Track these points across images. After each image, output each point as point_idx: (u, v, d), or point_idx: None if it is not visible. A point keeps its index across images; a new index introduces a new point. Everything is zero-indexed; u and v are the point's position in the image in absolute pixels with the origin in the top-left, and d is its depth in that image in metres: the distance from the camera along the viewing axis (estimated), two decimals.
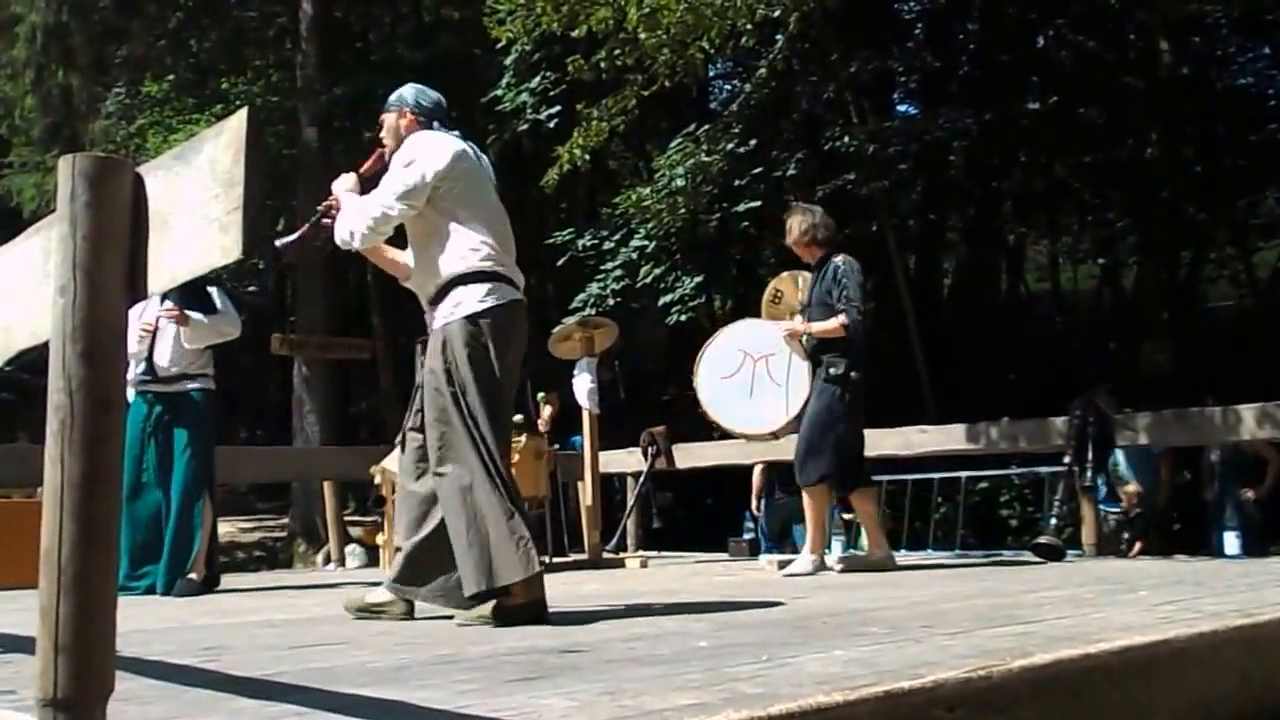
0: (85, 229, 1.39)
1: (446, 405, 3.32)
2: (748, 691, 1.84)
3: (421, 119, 3.59)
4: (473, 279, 3.38)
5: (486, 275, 3.40)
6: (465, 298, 3.37)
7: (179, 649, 2.80)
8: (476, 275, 3.39)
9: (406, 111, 3.60)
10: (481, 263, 3.40)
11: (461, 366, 3.32)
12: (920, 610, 3.33)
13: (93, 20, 14.78)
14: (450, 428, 3.31)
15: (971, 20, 16.22)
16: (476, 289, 3.38)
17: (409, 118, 3.59)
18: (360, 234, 3.40)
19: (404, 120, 3.59)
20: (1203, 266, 17.50)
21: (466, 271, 3.39)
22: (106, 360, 1.38)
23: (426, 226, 3.44)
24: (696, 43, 8.96)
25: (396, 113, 3.62)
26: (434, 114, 3.61)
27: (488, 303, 3.37)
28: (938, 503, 9.85)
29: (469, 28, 13.60)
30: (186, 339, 5.29)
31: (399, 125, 3.59)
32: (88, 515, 1.35)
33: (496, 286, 3.40)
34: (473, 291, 3.37)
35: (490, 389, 3.34)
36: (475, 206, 3.47)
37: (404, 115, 3.60)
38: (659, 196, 10.74)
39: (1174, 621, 2.78)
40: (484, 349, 3.34)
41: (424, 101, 3.63)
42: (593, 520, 6.96)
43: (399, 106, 3.63)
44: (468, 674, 2.18)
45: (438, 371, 3.35)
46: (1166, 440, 7.27)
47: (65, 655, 1.33)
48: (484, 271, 3.40)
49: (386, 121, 3.65)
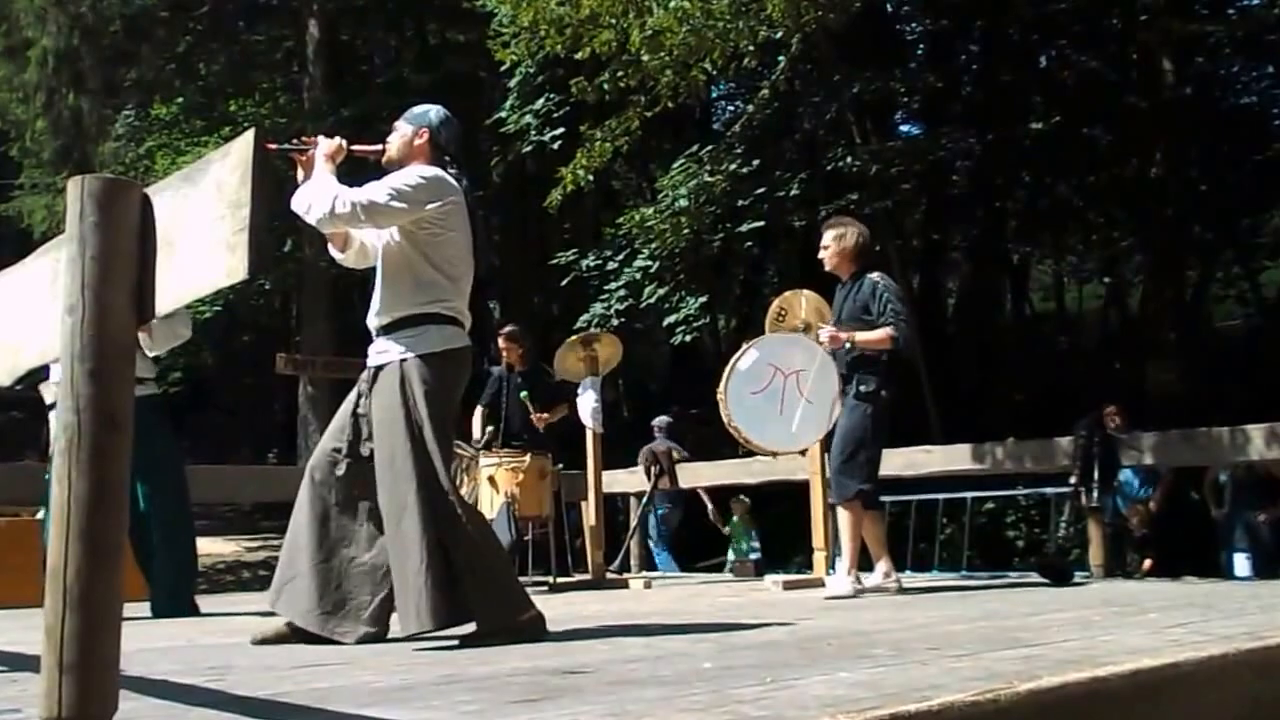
0: (94, 249, 1.39)
1: (399, 445, 3.32)
2: (752, 714, 1.83)
3: (436, 148, 3.58)
4: (439, 320, 3.43)
5: (451, 320, 3.46)
6: (428, 336, 3.40)
7: (183, 668, 2.79)
8: (443, 318, 3.43)
9: (425, 132, 3.59)
10: (446, 308, 3.44)
11: (420, 403, 3.33)
12: (926, 632, 3.31)
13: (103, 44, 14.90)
14: (401, 468, 3.30)
15: (973, 41, 16.29)
16: (443, 330, 3.42)
17: (424, 139, 3.58)
18: (317, 214, 3.38)
19: (420, 140, 3.58)
20: (1209, 286, 17.50)
21: (436, 312, 3.42)
22: (114, 379, 1.39)
23: (403, 258, 3.44)
24: (699, 64, 9.00)
25: (415, 129, 3.60)
26: (448, 149, 3.60)
27: (452, 344, 3.43)
28: (943, 524, 9.82)
29: (474, 50, 13.69)
30: (152, 344, 5.15)
31: (412, 141, 3.58)
32: (94, 534, 1.35)
33: (456, 331, 3.47)
34: (436, 332, 3.41)
35: (445, 427, 3.38)
36: (458, 256, 3.49)
37: (421, 135, 3.59)
38: (662, 217, 10.77)
39: (1183, 644, 2.76)
40: (442, 388, 3.38)
41: (446, 131, 3.62)
42: (596, 540, 6.94)
43: (420, 124, 3.61)
44: (470, 694, 2.17)
45: (394, 409, 3.35)
46: (1173, 460, 7.24)
47: (70, 674, 1.33)
48: (451, 316, 3.46)
49: (402, 130, 3.62)
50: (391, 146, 3.62)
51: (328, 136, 3.66)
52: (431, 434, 3.33)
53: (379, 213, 3.37)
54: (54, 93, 14.78)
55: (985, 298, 17.43)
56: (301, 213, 3.44)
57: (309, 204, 3.41)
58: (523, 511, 6.37)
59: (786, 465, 7.16)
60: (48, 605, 1.36)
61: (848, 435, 5.28)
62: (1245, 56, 15.29)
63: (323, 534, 3.45)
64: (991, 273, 17.35)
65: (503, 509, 6.29)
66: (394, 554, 3.31)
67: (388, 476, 3.33)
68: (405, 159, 3.56)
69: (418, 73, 14.94)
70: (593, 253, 12.47)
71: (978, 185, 15.84)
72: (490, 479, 6.48)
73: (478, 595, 3.28)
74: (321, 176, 3.46)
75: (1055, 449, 6.87)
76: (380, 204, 3.35)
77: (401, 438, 3.32)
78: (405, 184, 3.40)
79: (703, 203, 10.85)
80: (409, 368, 3.38)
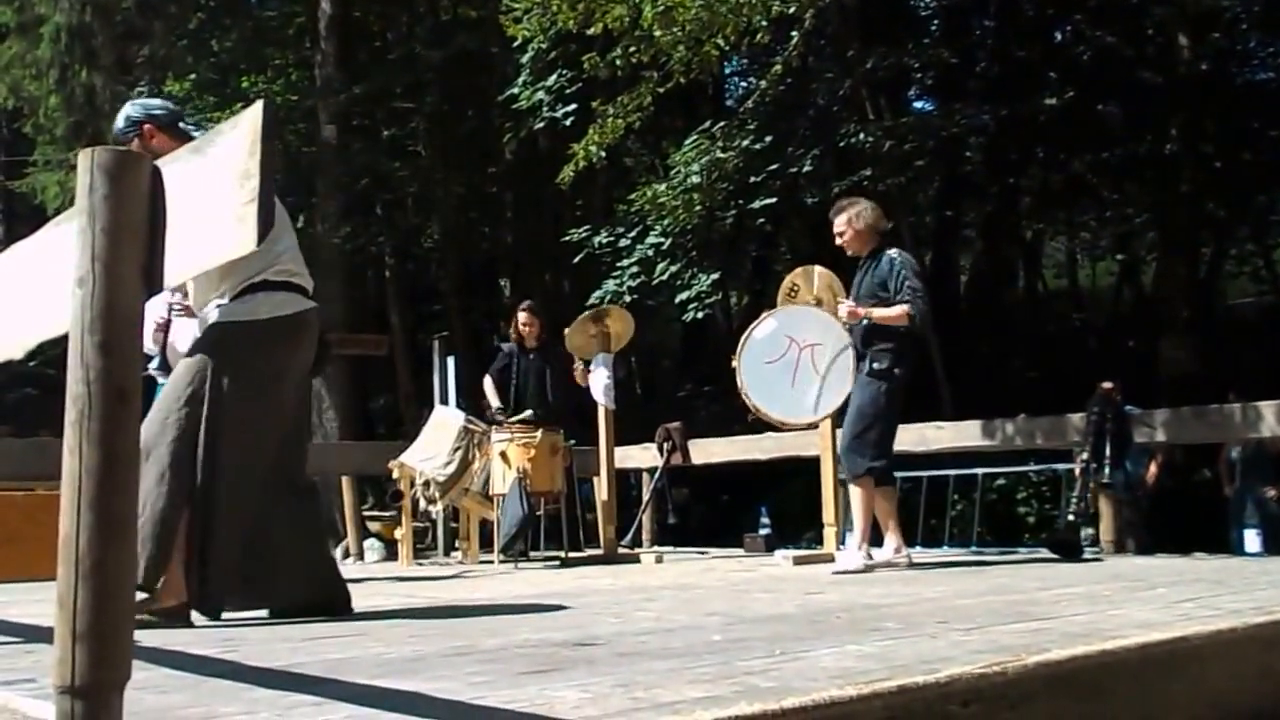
0: (103, 221, 1.40)
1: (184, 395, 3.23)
2: (761, 685, 1.84)
3: (168, 128, 3.45)
4: (264, 287, 3.35)
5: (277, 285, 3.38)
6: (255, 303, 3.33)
7: (197, 639, 2.82)
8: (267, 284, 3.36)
9: (147, 127, 3.46)
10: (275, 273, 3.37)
11: (227, 367, 3.26)
12: (935, 606, 3.32)
13: (115, 20, 14.89)
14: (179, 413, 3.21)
15: (988, 16, 16.16)
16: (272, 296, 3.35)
17: (155, 134, 3.44)
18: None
19: (152, 139, 3.41)
20: (1223, 263, 17.41)
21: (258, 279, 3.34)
22: (124, 351, 1.39)
23: None
24: (712, 40, 8.95)
25: (136, 136, 3.45)
26: (177, 118, 3.52)
27: (280, 311, 3.36)
28: (954, 500, 9.82)
29: (486, 26, 13.63)
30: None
31: (149, 145, 3.37)
32: (105, 504, 1.36)
33: (290, 297, 3.40)
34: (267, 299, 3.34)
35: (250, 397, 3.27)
36: None
37: (148, 135, 3.44)
38: (675, 194, 10.74)
39: (1193, 619, 2.76)
40: (259, 355, 3.30)
41: (158, 112, 3.51)
42: (608, 516, 6.97)
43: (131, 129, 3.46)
44: (481, 665, 2.19)
45: (195, 362, 3.28)
46: (1185, 437, 7.22)
47: (82, 643, 1.34)
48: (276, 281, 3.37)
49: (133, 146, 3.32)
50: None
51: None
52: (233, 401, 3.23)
53: None
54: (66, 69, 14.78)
55: (998, 274, 17.37)
56: None
57: None
58: (534, 487, 6.40)
59: (797, 441, 7.17)
60: (60, 575, 1.37)
61: (860, 412, 5.27)
62: (1262, 31, 15.14)
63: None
64: (1004, 249, 17.27)
65: (515, 484, 6.32)
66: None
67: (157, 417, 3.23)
68: None
69: (429, 49, 14.89)
70: (605, 229, 12.45)
71: (991, 162, 15.74)
72: (502, 454, 6.50)
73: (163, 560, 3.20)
74: None
75: (1066, 425, 6.87)
76: None
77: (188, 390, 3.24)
78: None
79: (715, 179, 10.81)
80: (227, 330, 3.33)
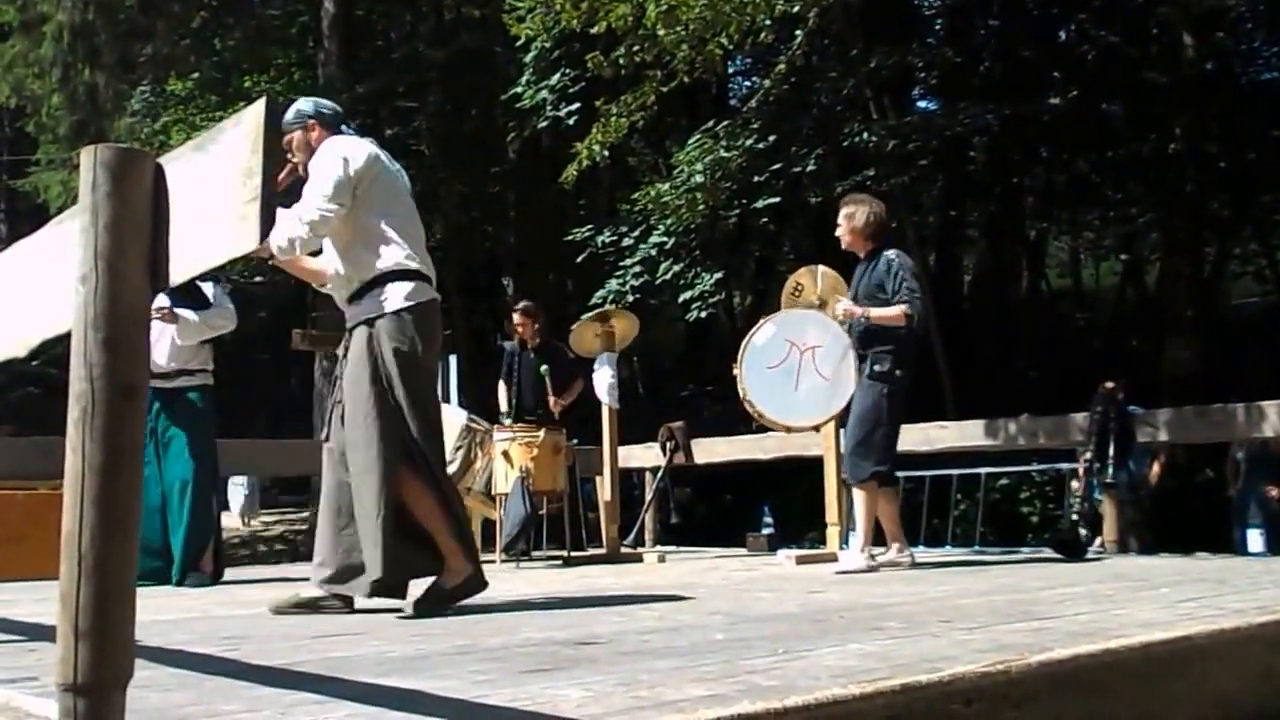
0: (107, 218, 1.40)
1: (371, 398, 3.37)
2: (763, 684, 1.84)
3: (329, 127, 3.63)
4: (397, 276, 3.45)
5: (410, 274, 3.48)
6: (391, 294, 3.44)
7: (199, 638, 2.82)
8: (400, 273, 3.46)
9: (312, 124, 3.64)
10: (406, 260, 3.47)
11: (388, 360, 3.38)
12: (937, 605, 3.32)
13: (118, 19, 14.91)
14: (375, 420, 3.36)
15: (992, 15, 16.14)
16: (402, 285, 3.45)
17: (316, 130, 3.63)
18: (300, 239, 3.42)
19: (313, 133, 3.63)
20: (1226, 262, 17.38)
21: (391, 269, 3.45)
22: (128, 347, 1.39)
23: (346, 226, 3.47)
24: (715, 39, 8.94)
25: (302, 128, 3.65)
26: (338, 121, 3.67)
27: (414, 299, 3.45)
28: (957, 499, 9.81)
29: (489, 25, 13.63)
30: (179, 336, 5.36)
31: (307, 139, 3.63)
32: (108, 502, 1.36)
33: (420, 285, 3.49)
34: (398, 288, 3.44)
35: (417, 383, 3.43)
36: (393, 207, 3.53)
37: (311, 128, 3.64)
38: (678, 193, 10.72)
39: (1196, 618, 2.76)
40: (411, 343, 3.41)
41: (325, 110, 3.69)
42: (611, 515, 6.96)
43: (300, 121, 3.65)
44: (484, 664, 2.19)
45: (362, 364, 3.40)
46: (1189, 437, 7.21)
47: (85, 641, 1.34)
48: (407, 270, 3.48)
49: (294, 138, 3.65)
50: (297, 157, 3.66)
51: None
52: (401, 390, 3.38)
53: (334, 196, 3.39)
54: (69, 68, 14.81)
55: (1002, 274, 17.33)
56: (286, 250, 3.46)
57: (289, 240, 3.43)
58: (537, 486, 6.39)
59: (801, 441, 7.16)
60: (63, 572, 1.37)
61: (863, 415, 5.27)
62: (1267, 31, 15.12)
63: (338, 503, 3.52)
64: (1008, 249, 17.24)
65: (517, 484, 6.32)
66: (357, 511, 3.38)
67: (353, 435, 3.39)
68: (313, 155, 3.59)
69: (433, 48, 14.90)
70: (608, 229, 12.43)
71: (995, 161, 15.72)
72: (505, 454, 6.50)
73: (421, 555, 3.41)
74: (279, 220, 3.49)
75: (1070, 425, 6.86)
76: (329, 190, 3.38)
77: (365, 395, 3.37)
78: (327, 160, 3.45)
79: (718, 179, 10.80)
80: (378, 326, 3.42)
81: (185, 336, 5.40)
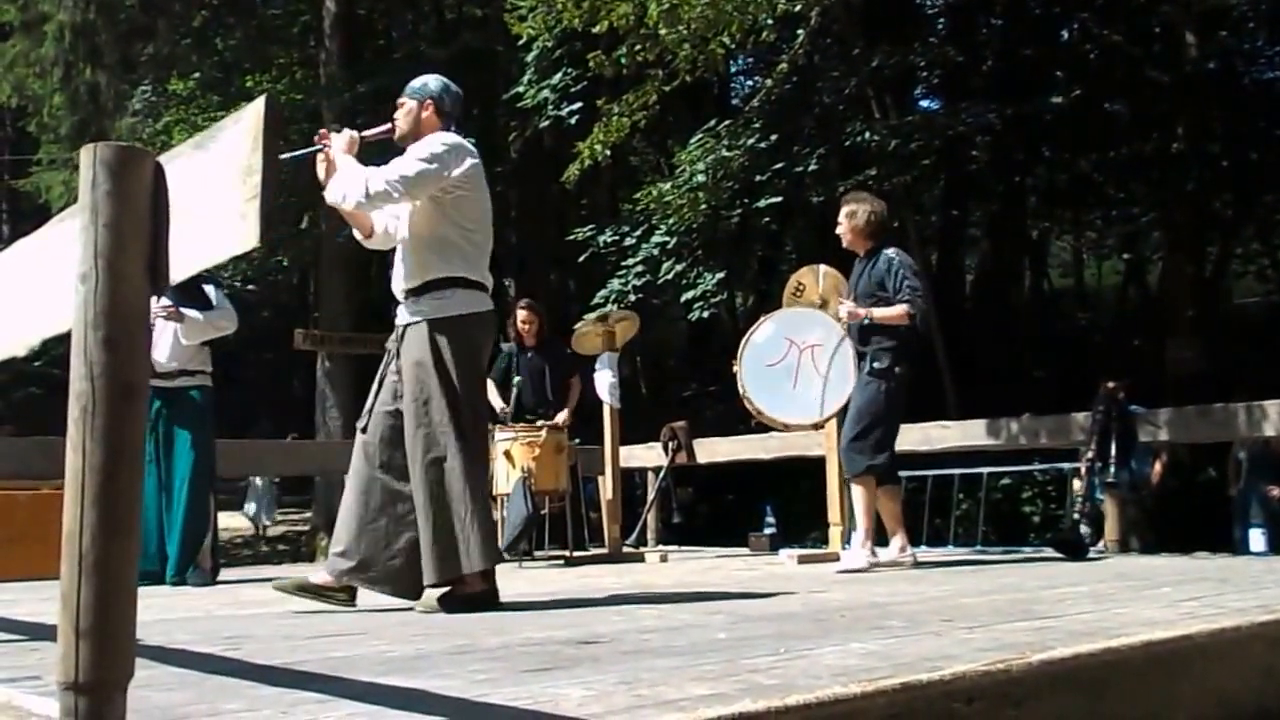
0: (106, 217, 1.40)
1: (433, 395, 3.44)
2: (765, 683, 1.84)
3: (442, 115, 3.69)
4: (467, 284, 3.56)
5: (479, 284, 3.60)
6: (455, 299, 3.53)
7: (201, 638, 2.82)
8: (471, 281, 3.57)
9: (430, 104, 3.70)
10: (472, 274, 3.58)
11: (449, 360, 3.46)
12: (938, 604, 3.32)
13: (119, 19, 14.90)
14: (436, 417, 3.43)
15: (994, 14, 16.13)
16: (472, 293, 3.56)
17: (430, 110, 3.69)
18: (355, 199, 3.48)
19: (426, 111, 3.69)
20: (1229, 262, 17.36)
21: (464, 276, 3.55)
22: (129, 346, 1.39)
23: (430, 224, 3.54)
24: (717, 38, 8.94)
25: (419, 102, 3.71)
26: (454, 115, 3.73)
27: (478, 307, 3.57)
28: (959, 499, 9.80)
29: (491, 24, 13.63)
30: (183, 335, 5.37)
31: (419, 114, 3.69)
32: (109, 501, 1.36)
33: (482, 295, 3.61)
34: (468, 295, 3.55)
35: (474, 384, 3.55)
36: (480, 219, 3.62)
37: (426, 107, 3.70)
38: (680, 192, 10.72)
39: (1197, 617, 2.76)
40: (470, 345, 3.52)
41: (447, 98, 3.74)
42: (613, 515, 6.96)
43: (422, 96, 3.71)
44: (484, 664, 2.19)
45: (425, 363, 3.48)
46: (1190, 436, 7.21)
47: (86, 640, 1.34)
48: (478, 281, 3.59)
49: (407, 105, 3.73)
50: (400, 123, 3.72)
51: (344, 119, 3.75)
52: (461, 389, 3.47)
53: (412, 184, 3.46)
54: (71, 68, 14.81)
55: (1004, 274, 17.33)
56: (338, 203, 3.55)
57: (344, 194, 3.50)
58: (539, 486, 6.40)
59: (802, 441, 7.16)
60: (64, 571, 1.37)
61: (860, 411, 5.27)
62: (1269, 30, 15.09)
63: (367, 496, 3.53)
64: (1010, 249, 17.23)
65: (519, 484, 6.32)
66: (429, 501, 3.41)
67: (422, 427, 3.44)
68: (415, 132, 3.66)
69: (434, 47, 14.89)
70: (610, 228, 12.43)
71: (997, 160, 15.70)
72: (506, 453, 6.50)
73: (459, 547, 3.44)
74: (347, 167, 3.55)
75: (1071, 424, 6.86)
76: (411, 176, 3.46)
77: (436, 390, 3.45)
78: (430, 152, 3.50)
79: (720, 178, 10.80)
80: (436, 329, 3.50)
81: (190, 336, 5.41)
